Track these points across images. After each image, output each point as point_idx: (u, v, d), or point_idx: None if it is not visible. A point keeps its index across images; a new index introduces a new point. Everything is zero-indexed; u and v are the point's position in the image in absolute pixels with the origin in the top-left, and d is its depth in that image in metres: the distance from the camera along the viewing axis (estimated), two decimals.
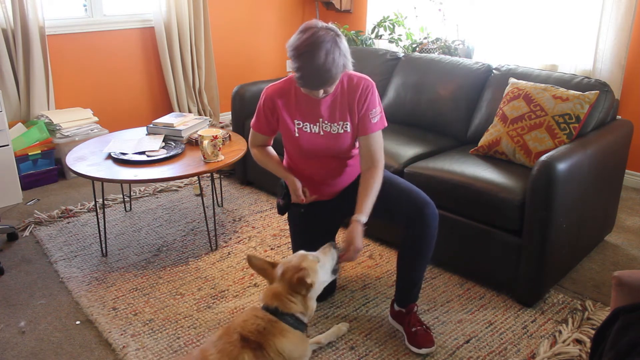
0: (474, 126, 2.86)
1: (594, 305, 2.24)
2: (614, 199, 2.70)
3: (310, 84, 1.80)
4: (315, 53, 1.71)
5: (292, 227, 2.30)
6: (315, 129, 1.97)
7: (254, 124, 2.11)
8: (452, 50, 3.77)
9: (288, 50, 1.80)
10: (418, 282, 2.06)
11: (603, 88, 2.46)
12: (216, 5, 4.58)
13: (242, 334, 1.60)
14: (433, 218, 1.94)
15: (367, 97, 1.95)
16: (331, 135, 1.98)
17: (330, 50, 1.73)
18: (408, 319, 2.05)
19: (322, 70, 1.73)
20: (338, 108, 1.96)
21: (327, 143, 1.99)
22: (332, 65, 1.74)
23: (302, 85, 1.83)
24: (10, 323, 2.19)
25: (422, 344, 1.98)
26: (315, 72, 1.74)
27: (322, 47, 1.71)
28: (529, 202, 2.12)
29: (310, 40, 1.72)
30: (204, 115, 4.61)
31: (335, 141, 1.99)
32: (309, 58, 1.72)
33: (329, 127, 1.97)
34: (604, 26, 3.31)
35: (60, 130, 3.62)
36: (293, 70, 1.80)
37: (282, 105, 1.99)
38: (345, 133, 1.98)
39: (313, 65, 1.72)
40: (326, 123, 1.97)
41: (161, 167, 2.55)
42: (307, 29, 1.76)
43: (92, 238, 2.86)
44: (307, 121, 1.98)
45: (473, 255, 2.38)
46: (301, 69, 1.76)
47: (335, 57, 1.74)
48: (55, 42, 3.81)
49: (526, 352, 2.00)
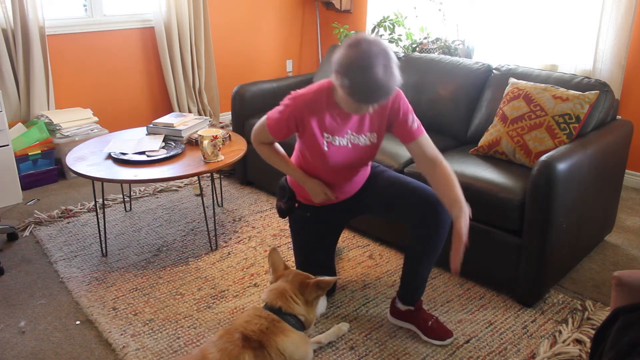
0: (474, 126, 2.86)
1: (594, 305, 2.24)
2: (614, 199, 2.70)
3: (367, 99, 1.71)
4: (372, 67, 1.63)
5: (295, 231, 2.25)
6: (343, 141, 1.92)
7: (272, 126, 1.96)
8: (452, 50, 3.77)
9: (337, 66, 1.70)
10: (425, 279, 2.08)
11: (603, 88, 2.46)
12: (216, 5, 4.58)
13: (243, 333, 1.60)
14: (447, 217, 1.93)
15: (399, 104, 1.92)
16: (358, 147, 1.94)
17: (387, 63, 1.66)
18: (421, 316, 2.07)
19: (380, 83, 1.65)
20: (367, 119, 1.93)
21: (354, 155, 1.96)
22: (390, 78, 1.67)
23: (358, 101, 1.72)
24: (10, 323, 2.19)
25: (444, 336, 2.03)
26: (373, 87, 1.66)
27: (378, 61, 1.64)
28: (529, 202, 2.12)
29: (366, 54, 1.64)
30: (204, 115, 4.61)
31: (361, 153, 1.96)
32: (366, 72, 1.63)
33: (356, 139, 1.93)
34: (604, 26, 3.31)
35: (60, 130, 3.62)
36: (344, 86, 1.69)
37: (312, 119, 1.89)
38: (372, 145, 1.95)
39: (371, 80, 1.64)
40: (354, 135, 1.92)
41: (161, 167, 2.55)
42: (356, 43, 1.67)
43: (92, 238, 2.86)
44: (336, 134, 1.92)
45: (473, 255, 2.37)
46: (357, 84, 1.66)
47: (393, 69, 1.68)
48: (55, 42, 3.81)
49: (526, 352, 2.00)
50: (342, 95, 1.75)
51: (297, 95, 1.91)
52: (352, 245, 2.76)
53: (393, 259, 2.63)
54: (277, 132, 1.97)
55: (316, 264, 2.25)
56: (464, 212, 1.78)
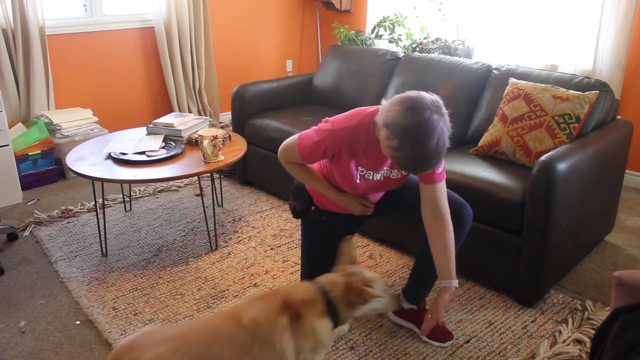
0: (474, 126, 2.85)
1: (594, 305, 2.24)
2: (614, 199, 2.70)
3: (413, 169, 1.67)
4: (429, 140, 1.52)
5: (307, 233, 2.20)
6: (377, 176, 1.89)
7: (304, 153, 1.86)
8: (452, 50, 3.77)
9: (391, 124, 1.56)
10: (434, 281, 2.07)
11: (603, 88, 2.46)
12: (216, 5, 4.58)
13: (285, 300, 1.59)
14: (469, 220, 1.93)
15: None
16: (390, 179, 1.92)
17: (442, 134, 1.54)
18: (423, 316, 2.06)
19: (431, 157, 1.56)
20: None
21: (384, 186, 1.95)
22: (441, 151, 1.57)
23: (402, 168, 1.66)
24: (10, 323, 2.19)
25: (445, 338, 2.03)
26: (423, 160, 1.57)
27: (435, 133, 1.52)
28: (529, 202, 2.12)
29: (425, 125, 1.52)
30: (204, 115, 4.61)
31: (391, 184, 1.95)
32: (421, 145, 1.53)
33: (389, 173, 1.91)
34: (604, 26, 3.31)
35: (60, 130, 3.62)
36: (391, 146, 1.57)
37: (349, 154, 1.81)
38: (402, 177, 1.93)
39: (423, 153, 1.54)
40: (388, 170, 1.90)
41: (161, 167, 2.55)
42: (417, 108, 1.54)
43: (92, 238, 2.86)
44: (371, 169, 1.86)
45: (473, 255, 2.38)
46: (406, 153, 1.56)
47: (445, 139, 1.57)
48: (55, 42, 3.81)
49: (526, 352, 2.00)
50: (386, 149, 1.62)
51: (336, 126, 1.79)
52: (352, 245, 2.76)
53: (393, 259, 2.63)
54: (309, 159, 1.89)
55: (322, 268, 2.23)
56: (452, 286, 1.82)
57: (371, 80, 3.34)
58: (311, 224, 2.16)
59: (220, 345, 1.47)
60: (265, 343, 1.52)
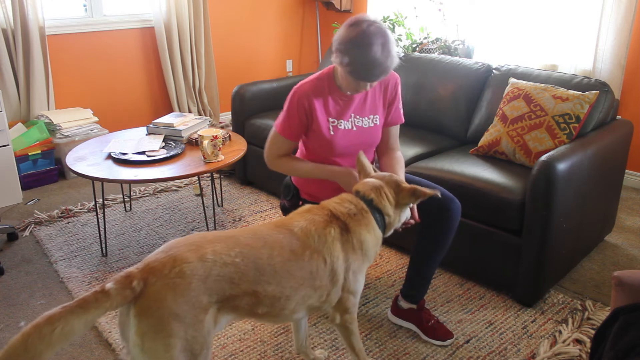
0: (474, 126, 2.86)
1: (594, 305, 2.24)
2: (614, 199, 2.70)
3: (366, 76, 1.77)
4: (371, 45, 1.71)
5: None
6: (348, 125, 1.96)
7: (283, 127, 1.95)
8: (452, 50, 3.77)
9: (337, 44, 1.77)
10: (431, 277, 2.09)
11: (603, 88, 2.46)
12: (216, 5, 4.58)
13: (332, 212, 1.60)
14: (457, 213, 1.98)
15: (397, 90, 2.01)
16: (363, 129, 1.98)
17: (385, 42, 1.73)
18: (422, 315, 2.07)
19: (379, 61, 1.73)
20: (368, 102, 1.98)
21: (360, 138, 1.98)
22: (387, 56, 1.75)
23: (357, 78, 1.78)
24: (10, 323, 2.19)
25: (444, 336, 2.04)
26: (372, 64, 1.73)
27: (377, 40, 1.72)
28: (529, 202, 2.12)
29: (365, 33, 1.72)
30: (204, 115, 4.61)
31: (367, 136, 2.00)
32: (365, 50, 1.71)
33: (360, 122, 1.97)
34: (604, 26, 3.31)
35: (60, 130, 3.62)
36: (343, 63, 1.77)
37: (318, 104, 1.92)
38: (375, 126, 2.00)
39: (370, 57, 1.72)
40: (358, 118, 1.97)
41: (161, 167, 2.55)
42: (356, 23, 1.75)
43: (92, 238, 2.86)
44: (341, 118, 1.96)
45: (473, 255, 2.38)
46: (356, 62, 1.74)
47: (390, 48, 1.75)
48: (55, 42, 3.81)
49: (526, 352, 2.00)
50: (342, 73, 1.82)
51: (299, 85, 1.95)
52: None
53: (393, 259, 2.63)
54: (290, 131, 1.95)
55: None
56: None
57: None
58: None
59: (270, 250, 1.48)
60: (315, 252, 1.52)
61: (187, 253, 1.37)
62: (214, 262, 1.38)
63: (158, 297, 1.29)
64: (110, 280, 1.29)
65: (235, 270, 1.40)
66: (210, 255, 1.38)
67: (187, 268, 1.35)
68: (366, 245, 1.60)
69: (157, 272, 1.32)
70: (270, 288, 1.45)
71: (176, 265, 1.34)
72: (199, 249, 1.39)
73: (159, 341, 1.28)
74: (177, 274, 1.33)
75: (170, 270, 1.33)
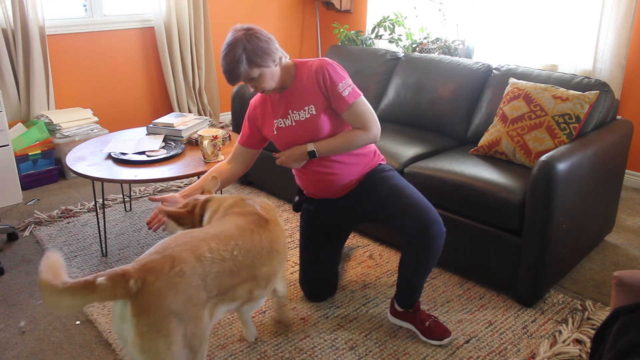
0: (474, 126, 2.86)
1: (594, 305, 2.24)
2: (614, 199, 2.70)
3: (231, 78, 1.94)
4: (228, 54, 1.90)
5: (302, 225, 2.32)
6: (288, 122, 2.05)
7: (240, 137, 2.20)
8: (452, 50, 3.77)
9: None
10: (421, 286, 2.08)
11: (603, 88, 2.46)
12: (216, 5, 4.58)
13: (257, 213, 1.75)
14: (438, 237, 1.91)
15: (326, 75, 1.99)
16: (301, 122, 2.03)
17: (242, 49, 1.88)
18: (417, 317, 2.07)
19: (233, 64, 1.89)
20: (303, 94, 2.03)
21: (300, 131, 2.04)
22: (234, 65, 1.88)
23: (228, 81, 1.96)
24: (10, 323, 2.19)
25: (441, 335, 2.03)
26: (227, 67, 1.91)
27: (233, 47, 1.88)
28: (529, 202, 2.12)
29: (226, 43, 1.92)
30: (204, 115, 4.61)
31: (306, 128, 2.03)
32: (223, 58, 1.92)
33: (297, 116, 2.04)
34: (604, 26, 3.31)
35: (60, 130, 3.62)
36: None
37: (261, 112, 2.12)
38: (312, 117, 2.02)
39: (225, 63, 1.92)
40: (295, 112, 2.04)
41: (161, 167, 2.55)
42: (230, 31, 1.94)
43: (92, 238, 2.86)
44: (280, 117, 2.07)
45: (473, 255, 2.38)
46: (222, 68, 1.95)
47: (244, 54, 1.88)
48: (55, 42, 3.81)
49: (526, 352, 2.00)
50: None
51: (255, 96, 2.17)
52: (352, 245, 2.76)
53: (393, 259, 2.63)
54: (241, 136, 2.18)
55: (318, 264, 2.27)
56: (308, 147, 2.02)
57: (371, 80, 3.34)
58: (305, 216, 2.29)
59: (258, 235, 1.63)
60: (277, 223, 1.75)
61: (184, 253, 1.39)
62: (212, 260, 1.44)
63: (158, 297, 1.30)
64: (103, 274, 1.30)
65: (234, 263, 1.49)
66: (208, 254, 1.44)
67: (187, 267, 1.36)
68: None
69: (157, 272, 1.33)
70: (265, 269, 1.61)
71: (175, 265, 1.36)
72: (195, 248, 1.43)
73: (160, 340, 1.29)
74: (177, 273, 1.34)
75: (170, 270, 1.34)
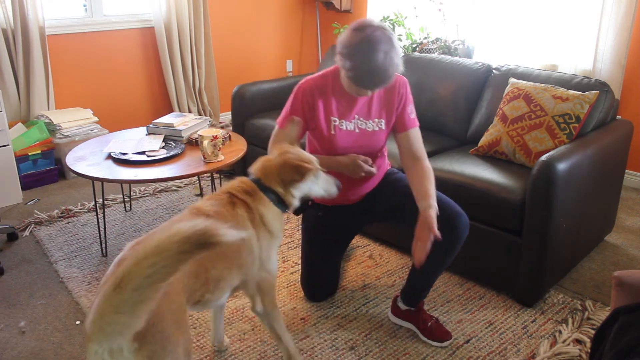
0: (474, 126, 2.86)
1: (594, 305, 2.24)
2: (614, 199, 2.70)
3: (366, 84, 1.75)
4: (373, 52, 1.67)
5: (305, 231, 2.23)
6: (350, 126, 1.94)
7: (283, 123, 1.94)
8: (452, 50, 3.77)
9: (341, 47, 1.75)
10: (432, 283, 2.07)
11: (603, 88, 2.46)
12: (216, 5, 4.58)
13: (231, 192, 1.64)
14: (464, 230, 1.87)
15: (404, 93, 1.95)
16: (366, 132, 1.95)
17: (389, 50, 1.70)
18: (420, 317, 2.07)
19: (380, 70, 1.70)
20: (374, 105, 1.95)
21: (362, 141, 1.96)
22: (390, 65, 1.71)
23: (357, 84, 1.77)
24: (10, 323, 2.19)
25: (442, 337, 2.03)
26: (373, 72, 1.70)
27: (380, 47, 1.68)
28: (529, 202, 2.12)
29: (369, 38, 1.68)
30: (204, 115, 4.61)
31: (369, 139, 1.96)
32: (367, 57, 1.68)
33: (364, 125, 1.94)
34: (604, 26, 3.31)
35: (60, 130, 3.62)
36: (345, 67, 1.75)
37: (320, 102, 1.91)
38: (380, 131, 1.96)
39: (371, 65, 1.69)
40: (361, 120, 1.94)
41: (161, 167, 2.55)
42: (362, 27, 1.71)
43: (92, 238, 2.86)
44: (343, 118, 1.93)
45: (473, 255, 2.38)
46: (357, 68, 1.71)
47: (393, 56, 1.71)
48: (55, 42, 3.81)
49: (526, 352, 2.00)
50: (344, 78, 1.81)
51: (304, 81, 1.94)
52: (352, 245, 2.76)
53: (393, 259, 2.63)
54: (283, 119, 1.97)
55: (323, 267, 2.25)
56: (434, 206, 1.79)
57: None
58: (310, 221, 2.19)
59: None
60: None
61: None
62: None
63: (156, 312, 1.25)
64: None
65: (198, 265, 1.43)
66: None
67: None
68: (266, 219, 1.65)
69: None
70: (214, 272, 1.53)
71: None
72: None
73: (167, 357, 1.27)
74: None
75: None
